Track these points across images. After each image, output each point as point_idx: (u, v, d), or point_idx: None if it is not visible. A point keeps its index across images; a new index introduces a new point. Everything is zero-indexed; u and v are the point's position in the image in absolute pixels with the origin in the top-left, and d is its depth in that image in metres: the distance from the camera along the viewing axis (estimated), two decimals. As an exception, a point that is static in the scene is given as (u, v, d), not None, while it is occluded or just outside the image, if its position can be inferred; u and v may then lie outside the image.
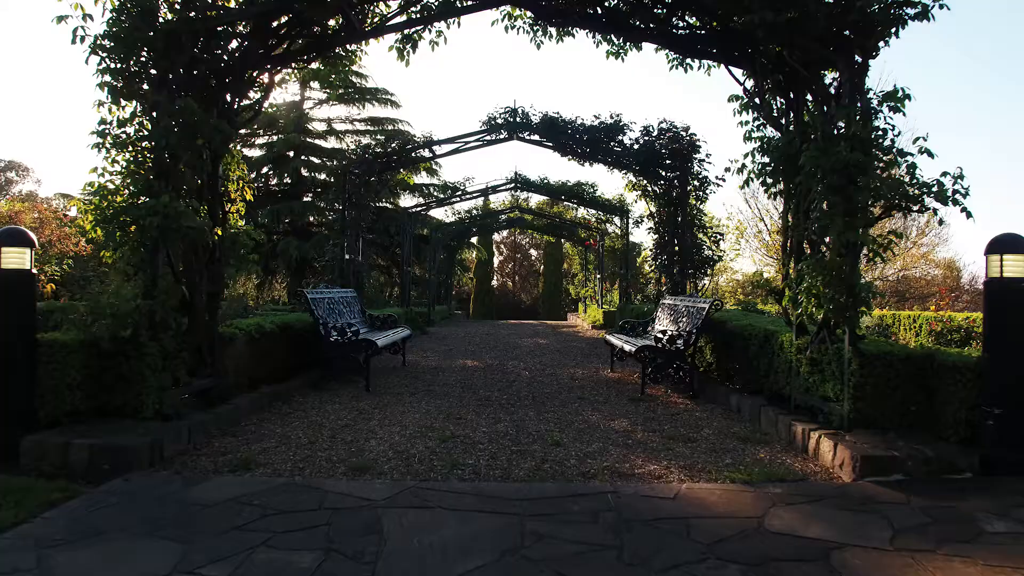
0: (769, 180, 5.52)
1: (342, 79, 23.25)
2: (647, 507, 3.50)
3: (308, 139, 23.08)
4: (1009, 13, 47.17)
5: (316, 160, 22.89)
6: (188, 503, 3.56)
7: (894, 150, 4.68)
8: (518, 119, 10.81)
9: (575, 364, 9.63)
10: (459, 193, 17.34)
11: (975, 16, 47.05)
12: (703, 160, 10.11)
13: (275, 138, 22.86)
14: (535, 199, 23.90)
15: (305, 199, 22.39)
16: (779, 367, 5.77)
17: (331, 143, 23.37)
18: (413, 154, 12.08)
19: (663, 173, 10.55)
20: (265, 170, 22.87)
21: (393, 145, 12.03)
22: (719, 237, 10.46)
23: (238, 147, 22.64)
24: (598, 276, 20.38)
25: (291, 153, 22.57)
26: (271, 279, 22.68)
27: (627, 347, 7.57)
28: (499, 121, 10.87)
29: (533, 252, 38.52)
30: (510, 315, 30.58)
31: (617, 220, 17.50)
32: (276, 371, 6.81)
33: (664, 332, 7.10)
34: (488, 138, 11.10)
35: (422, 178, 23.57)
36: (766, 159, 5.56)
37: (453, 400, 6.54)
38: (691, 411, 6.20)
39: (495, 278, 35.47)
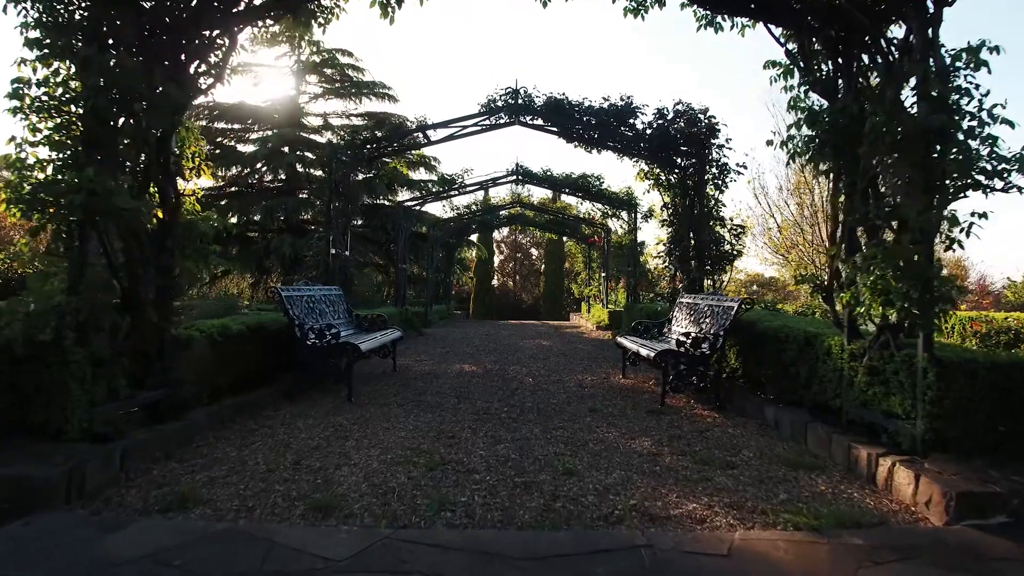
0: (817, 155, 4.69)
1: (339, 70, 22.43)
2: (695, 569, 2.65)
3: (303, 134, 22.25)
4: (1009, 13, 46.24)
5: (311, 156, 22.02)
6: (94, 560, 2.73)
7: (981, 113, 3.83)
8: (520, 101, 9.89)
9: (583, 369, 8.77)
10: (457, 186, 16.42)
11: (974, 15, 46.14)
12: (723, 145, 9.19)
13: (270, 133, 22.02)
14: (537, 195, 22.97)
15: (300, 196, 21.54)
16: (825, 376, 4.94)
17: (327, 138, 22.51)
18: (406, 139, 11.20)
19: (678, 160, 9.64)
20: (259, 166, 22.02)
21: (383, 132, 11.13)
22: (740, 230, 9.54)
23: (222, 140, 21.56)
24: (603, 274, 19.47)
25: (285, 149, 21.73)
26: (266, 278, 21.85)
27: (644, 351, 6.71)
28: (499, 104, 9.95)
29: (534, 251, 37.58)
30: (511, 315, 29.71)
31: (624, 215, 16.60)
32: (246, 379, 5.95)
33: (688, 335, 6.24)
34: (488, 122, 10.17)
35: (420, 174, 22.78)
36: (810, 132, 4.73)
37: (446, 413, 5.68)
38: (722, 426, 5.35)
39: (495, 277, 34.55)
